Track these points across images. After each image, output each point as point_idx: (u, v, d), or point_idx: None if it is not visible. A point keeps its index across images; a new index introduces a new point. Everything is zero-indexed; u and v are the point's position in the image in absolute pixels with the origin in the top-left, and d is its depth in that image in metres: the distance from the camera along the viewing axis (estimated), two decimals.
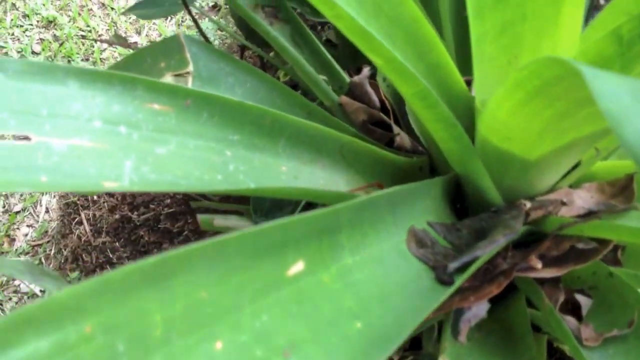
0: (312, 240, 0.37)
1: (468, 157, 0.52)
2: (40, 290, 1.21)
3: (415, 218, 0.49)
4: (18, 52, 1.46)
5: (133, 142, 0.42)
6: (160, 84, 0.44)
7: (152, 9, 0.73)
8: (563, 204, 0.56)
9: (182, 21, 1.59)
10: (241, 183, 0.46)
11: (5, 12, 1.54)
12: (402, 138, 0.65)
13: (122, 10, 1.57)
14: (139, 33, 1.56)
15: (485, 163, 0.52)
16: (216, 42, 1.47)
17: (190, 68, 0.56)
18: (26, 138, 0.38)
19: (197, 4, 1.52)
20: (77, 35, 1.51)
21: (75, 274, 1.19)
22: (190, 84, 0.56)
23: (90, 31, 1.53)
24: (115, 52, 1.50)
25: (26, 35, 1.49)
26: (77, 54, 1.47)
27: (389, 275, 0.41)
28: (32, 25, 1.51)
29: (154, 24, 1.58)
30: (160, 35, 1.55)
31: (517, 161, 0.51)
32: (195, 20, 0.82)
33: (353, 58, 0.77)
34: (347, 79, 0.71)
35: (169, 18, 1.59)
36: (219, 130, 0.47)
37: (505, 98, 0.43)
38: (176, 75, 0.56)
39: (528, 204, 0.52)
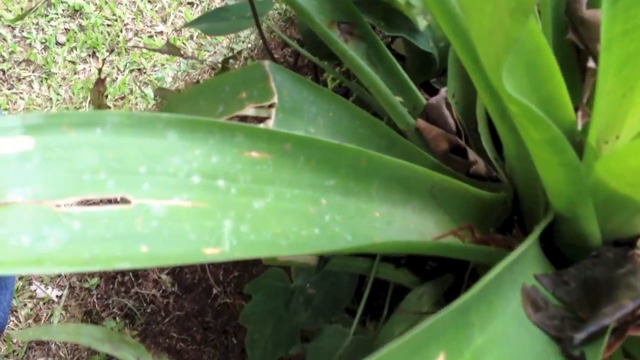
0: (449, 327, 0.33)
1: (581, 200, 0.47)
2: (57, 296, 1.17)
3: (524, 272, 0.45)
4: (42, 42, 1.41)
5: (231, 197, 0.38)
6: (259, 129, 0.39)
7: (218, 22, 0.68)
8: None
9: (209, 7, 1.53)
10: (338, 237, 0.41)
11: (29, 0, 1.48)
12: (479, 165, 0.60)
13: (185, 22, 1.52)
14: (164, 22, 1.50)
15: (595, 206, 0.48)
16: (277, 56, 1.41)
17: (275, 99, 0.51)
18: (125, 201, 0.33)
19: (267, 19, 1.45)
20: (102, 25, 1.45)
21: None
22: (273, 116, 0.52)
23: (116, 20, 1.47)
24: (140, 41, 1.45)
25: (51, 25, 1.44)
26: (103, 44, 1.42)
27: (516, 355, 0.37)
28: (57, 14, 1.45)
29: (179, 11, 1.52)
30: (185, 22, 1.50)
31: (633, 205, 0.47)
32: (264, 39, 0.77)
33: (422, 72, 0.73)
34: (421, 98, 0.66)
35: (195, 5, 1.54)
36: (315, 176, 0.43)
37: None
38: (258, 107, 0.51)
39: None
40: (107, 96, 1.41)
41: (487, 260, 0.55)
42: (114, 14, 1.47)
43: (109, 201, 0.33)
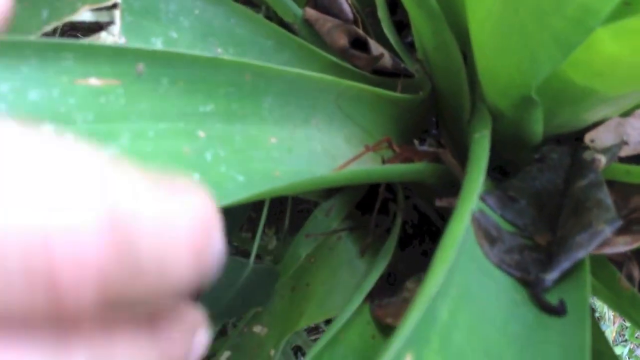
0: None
1: (533, 97, 0.39)
2: None
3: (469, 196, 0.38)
4: None
5: None
6: (97, 46, 0.28)
7: None
8: (625, 143, 0.46)
9: None
10: (226, 180, 0.32)
11: None
12: (384, 59, 0.51)
13: None
14: None
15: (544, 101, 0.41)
16: None
17: None
18: None
19: None
20: None
21: None
22: (118, 20, 0.40)
23: None
24: None
25: None
26: None
27: (486, 318, 0.30)
28: None
29: None
30: None
31: (592, 98, 0.40)
32: None
33: None
34: None
35: None
36: (186, 102, 0.32)
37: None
38: (96, 10, 0.39)
39: (602, 159, 0.41)
40: None
41: (415, 177, 0.47)
42: None
43: None
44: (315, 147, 0.39)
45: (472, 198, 0.34)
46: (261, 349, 0.48)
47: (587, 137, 0.47)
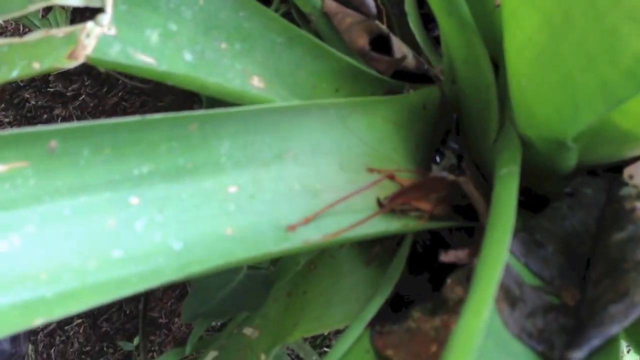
0: None
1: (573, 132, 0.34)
2: None
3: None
4: None
5: None
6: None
7: None
8: None
9: None
10: (156, 252, 0.29)
11: None
12: (408, 60, 0.45)
13: None
14: None
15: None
16: None
17: None
18: None
19: None
20: None
21: None
22: (109, 8, 0.36)
23: None
24: None
25: None
26: None
27: None
28: None
29: None
30: None
31: (636, 140, 0.34)
32: None
33: None
34: None
35: None
36: (115, 167, 0.29)
37: None
38: None
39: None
40: None
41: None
42: None
43: None
44: (291, 185, 0.36)
45: (498, 269, 0.30)
46: (251, 351, 0.47)
47: (626, 172, 0.40)
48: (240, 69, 0.43)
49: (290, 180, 0.35)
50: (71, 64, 0.35)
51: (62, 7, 0.82)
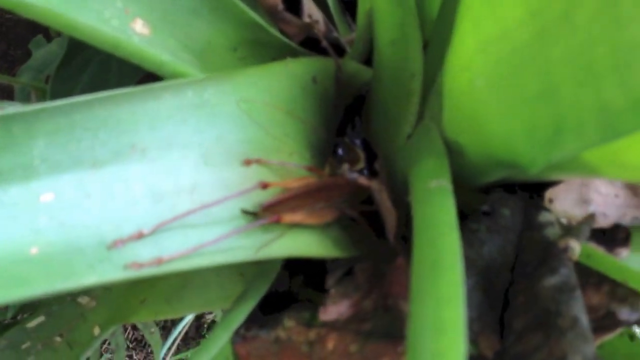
0: None
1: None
2: None
3: None
4: None
5: None
6: None
7: None
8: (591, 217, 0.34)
9: None
10: None
11: None
12: (319, 25, 0.38)
13: None
14: None
15: None
16: None
17: None
18: None
19: None
20: None
21: None
22: None
23: None
24: None
25: None
26: None
27: None
28: None
29: None
30: None
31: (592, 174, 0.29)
32: None
33: None
34: None
35: None
36: None
37: None
38: None
39: (577, 248, 0.30)
40: None
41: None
42: None
43: None
44: (131, 188, 0.29)
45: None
46: (84, 322, 0.42)
47: (548, 195, 0.35)
48: (122, 6, 0.35)
49: (131, 182, 0.29)
50: None
51: None
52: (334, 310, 0.34)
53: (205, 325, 1.28)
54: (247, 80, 0.33)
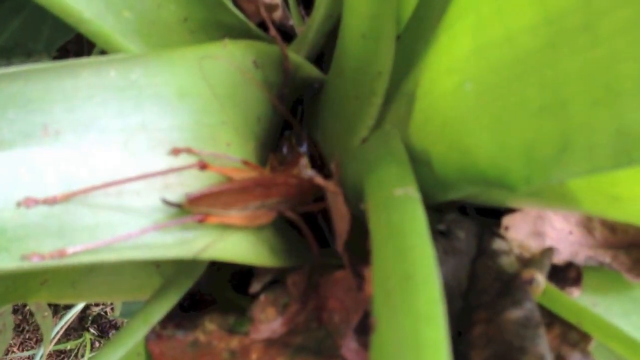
0: None
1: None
2: None
3: None
4: None
5: None
6: None
7: None
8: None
9: None
10: None
11: None
12: (278, 11, 0.34)
13: None
14: None
15: None
16: None
17: None
18: None
19: None
20: None
21: None
22: None
23: None
24: None
25: None
26: None
27: None
28: None
29: None
30: None
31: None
32: None
33: None
34: None
35: None
36: None
37: None
38: None
39: (541, 281, 0.27)
40: None
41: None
42: None
43: None
44: (43, 174, 0.25)
45: None
46: None
47: (504, 222, 0.32)
48: None
49: (41, 167, 0.24)
50: None
51: None
52: (267, 328, 0.31)
53: (90, 318, 1.21)
54: (181, 62, 0.28)
